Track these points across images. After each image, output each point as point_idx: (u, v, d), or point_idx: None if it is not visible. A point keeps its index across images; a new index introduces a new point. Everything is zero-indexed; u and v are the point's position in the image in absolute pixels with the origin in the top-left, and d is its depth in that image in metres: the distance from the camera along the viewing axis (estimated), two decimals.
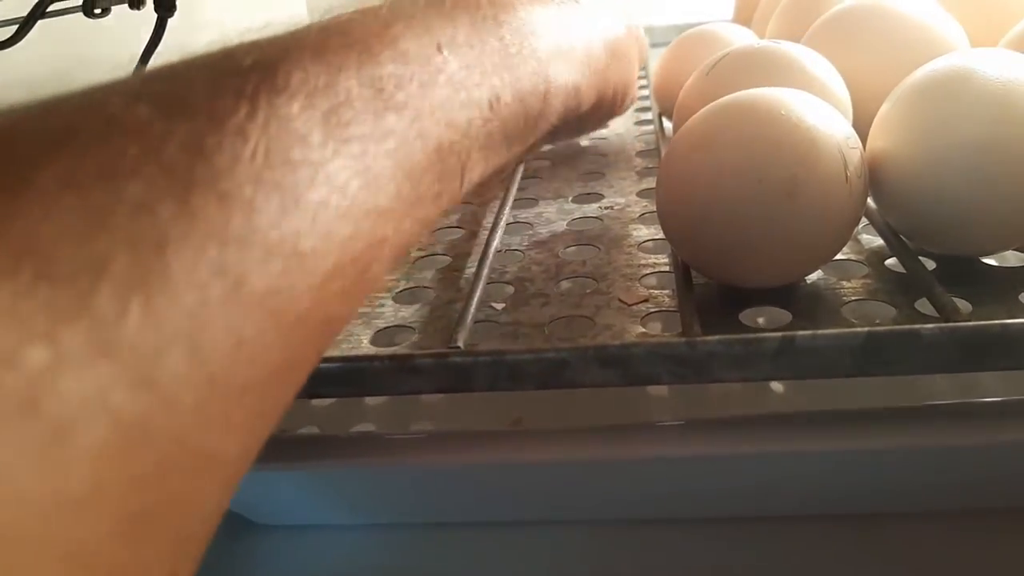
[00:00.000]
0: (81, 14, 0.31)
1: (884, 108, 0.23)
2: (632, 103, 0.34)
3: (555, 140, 0.28)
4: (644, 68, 0.43)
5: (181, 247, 0.10)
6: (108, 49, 0.38)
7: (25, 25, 0.30)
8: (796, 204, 0.20)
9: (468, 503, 0.23)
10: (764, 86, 0.23)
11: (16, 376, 0.08)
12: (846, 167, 0.20)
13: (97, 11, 0.30)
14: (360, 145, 0.13)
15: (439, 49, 0.16)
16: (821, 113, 0.21)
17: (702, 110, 0.23)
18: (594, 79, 0.24)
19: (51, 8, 0.31)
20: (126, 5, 0.31)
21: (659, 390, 0.28)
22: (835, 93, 0.26)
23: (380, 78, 0.14)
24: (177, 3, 0.32)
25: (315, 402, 0.30)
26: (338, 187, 0.12)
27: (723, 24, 0.38)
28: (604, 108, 0.26)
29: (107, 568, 0.09)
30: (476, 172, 0.17)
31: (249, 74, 0.12)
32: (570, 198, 0.33)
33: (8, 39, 0.30)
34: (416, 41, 0.15)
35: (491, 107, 0.17)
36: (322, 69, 0.13)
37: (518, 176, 0.35)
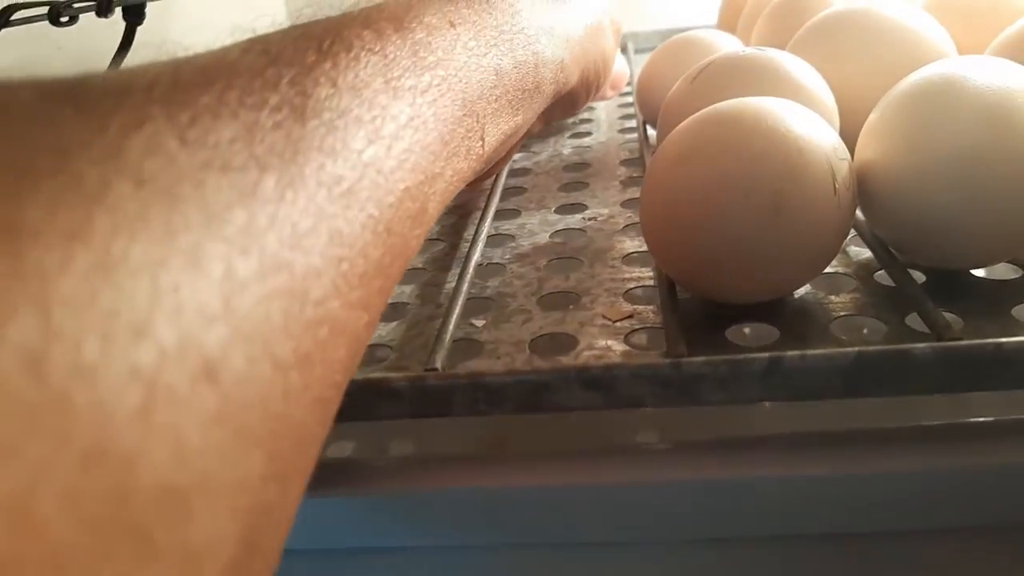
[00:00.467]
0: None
1: (872, 117, 0.22)
2: (615, 84, 0.38)
3: (550, 118, 0.30)
4: (628, 79, 0.42)
5: (308, 158, 0.12)
6: (77, 53, 0.37)
7: None
8: (783, 217, 0.19)
9: (448, 528, 0.22)
10: (750, 95, 0.22)
11: (231, 229, 0.11)
12: (834, 179, 0.20)
13: (64, 19, 0.29)
14: (411, 95, 0.16)
15: (452, 24, 0.19)
16: (809, 123, 0.20)
17: (687, 120, 0.22)
18: (577, 55, 0.27)
19: (16, 16, 0.30)
20: (93, 13, 0.30)
21: (646, 409, 0.27)
22: (822, 101, 0.26)
23: (415, 42, 0.17)
24: (146, 11, 0.31)
25: None
26: (401, 125, 0.15)
27: (707, 30, 0.38)
28: (587, 84, 0.29)
29: (289, 376, 0.11)
30: (491, 135, 0.21)
31: (323, 36, 0.15)
32: (553, 209, 0.32)
33: None
34: (434, 16, 0.19)
35: (496, 73, 0.21)
36: (373, 35, 0.16)
37: (500, 186, 0.34)
